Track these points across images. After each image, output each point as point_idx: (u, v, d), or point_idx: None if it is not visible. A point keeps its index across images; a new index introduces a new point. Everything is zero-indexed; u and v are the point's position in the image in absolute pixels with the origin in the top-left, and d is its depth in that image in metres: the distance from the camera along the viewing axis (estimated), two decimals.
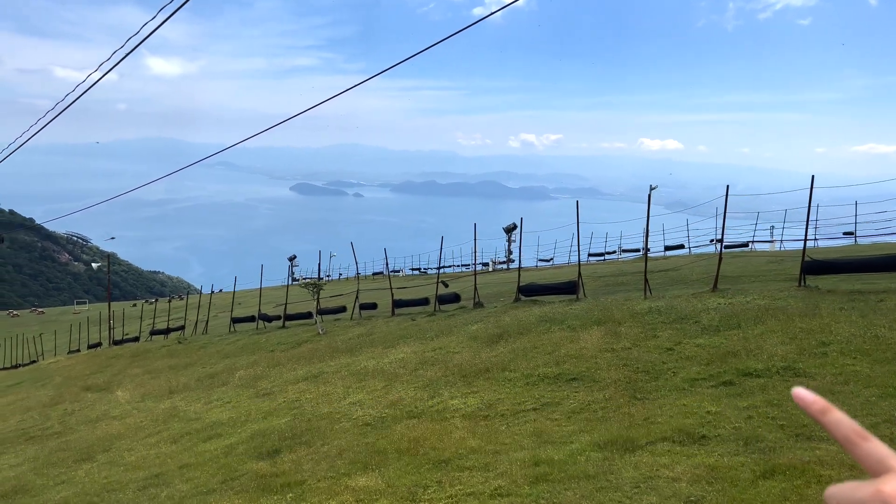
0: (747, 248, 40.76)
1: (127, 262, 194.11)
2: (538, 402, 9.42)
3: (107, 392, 20.46)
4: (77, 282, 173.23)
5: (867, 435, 0.79)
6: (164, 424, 13.48)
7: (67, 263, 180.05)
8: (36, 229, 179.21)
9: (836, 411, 0.82)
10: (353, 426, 10.17)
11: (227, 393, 15.36)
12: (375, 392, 11.93)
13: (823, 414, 0.83)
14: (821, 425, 0.83)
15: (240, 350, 23.06)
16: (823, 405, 0.83)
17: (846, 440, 0.80)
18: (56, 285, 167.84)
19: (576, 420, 8.49)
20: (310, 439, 9.86)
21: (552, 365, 10.99)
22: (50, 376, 28.84)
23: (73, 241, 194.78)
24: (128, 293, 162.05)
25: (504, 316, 16.87)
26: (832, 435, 0.81)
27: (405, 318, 21.86)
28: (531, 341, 12.98)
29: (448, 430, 9.01)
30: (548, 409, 9.09)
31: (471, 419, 9.32)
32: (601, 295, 18.69)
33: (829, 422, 0.82)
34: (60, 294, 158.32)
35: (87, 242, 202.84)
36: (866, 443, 0.79)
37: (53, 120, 17.92)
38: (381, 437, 9.25)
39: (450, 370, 12.24)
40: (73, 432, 15.06)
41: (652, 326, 12.30)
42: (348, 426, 10.21)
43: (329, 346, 18.63)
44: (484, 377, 11.27)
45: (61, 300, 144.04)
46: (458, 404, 10.10)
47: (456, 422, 9.33)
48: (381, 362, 14.29)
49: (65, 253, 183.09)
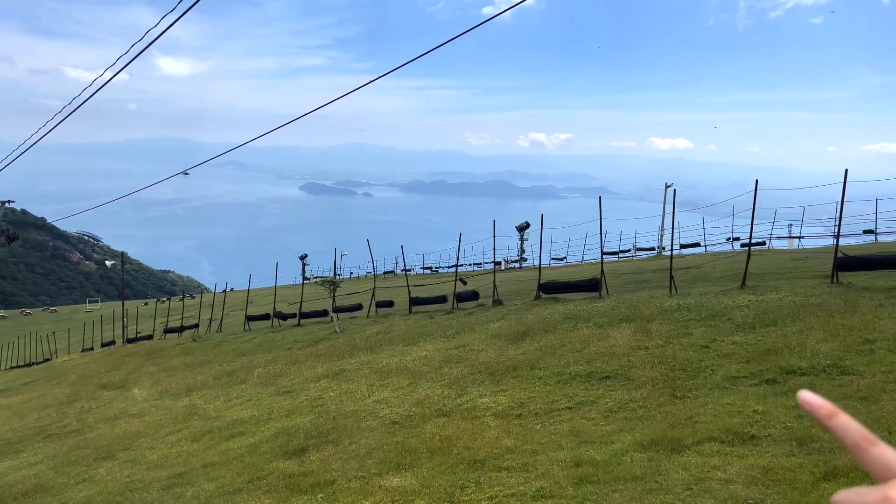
0: (765, 246, 40.34)
1: (138, 261, 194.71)
2: (572, 401, 9.15)
3: (123, 390, 20.32)
4: (88, 280, 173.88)
5: (875, 440, 0.78)
6: (185, 422, 13.28)
7: (79, 262, 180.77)
8: (47, 228, 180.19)
9: (843, 416, 0.81)
10: (381, 425, 9.93)
11: (247, 391, 15.16)
12: (400, 390, 11.69)
13: (830, 418, 0.81)
14: (828, 430, 0.81)
15: (256, 348, 22.88)
16: (830, 409, 0.81)
17: (854, 445, 0.79)
18: (67, 284, 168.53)
19: (614, 419, 8.22)
20: (337, 438, 9.63)
21: (583, 363, 10.71)
22: (65, 374, 28.78)
23: (84, 240, 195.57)
24: (139, 292, 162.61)
25: (526, 314, 16.60)
26: (839, 440, 0.80)
27: (423, 315, 21.63)
28: (558, 339, 12.70)
29: (480, 429, 8.75)
30: (583, 408, 8.82)
31: (503, 418, 9.06)
32: (624, 292, 18.39)
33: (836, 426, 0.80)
34: (72, 293, 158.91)
35: (98, 241, 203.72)
36: (874, 448, 0.78)
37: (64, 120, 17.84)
38: (411, 436, 9.01)
39: (476, 368, 11.99)
40: (91, 430, 14.90)
41: (683, 324, 12.01)
42: (375, 425, 9.97)
43: (348, 344, 18.41)
44: (512, 375, 11.01)
45: (72, 299, 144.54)
46: (488, 403, 9.84)
47: (488, 420, 9.07)
48: (403, 360, 14.05)
49: (76, 252, 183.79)
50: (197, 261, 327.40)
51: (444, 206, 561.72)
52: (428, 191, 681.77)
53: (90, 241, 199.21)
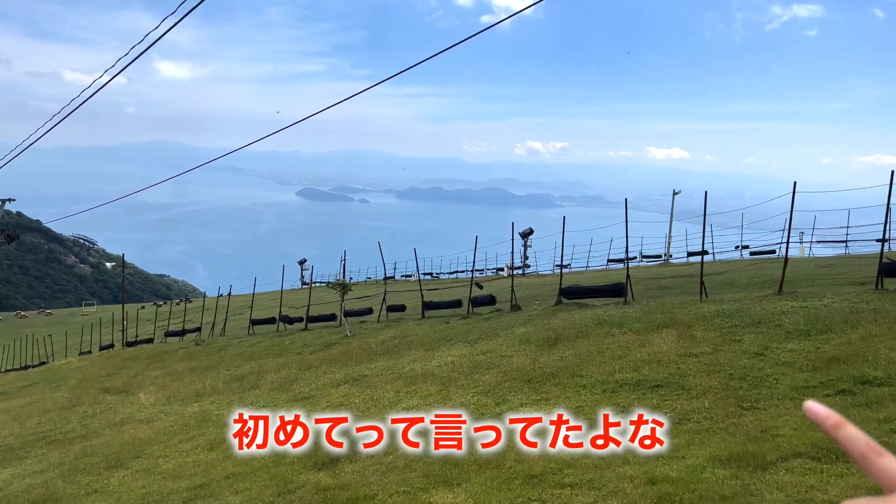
0: (774, 254, 39.90)
1: (133, 265, 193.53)
2: (626, 411, 8.51)
3: (127, 394, 19.61)
4: (83, 284, 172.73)
5: (882, 451, 0.78)
6: (198, 429, 12.60)
7: (74, 265, 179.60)
8: (43, 231, 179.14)
9: (849, 426, 0.80)
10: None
11: (261, 396, 14.49)
12: (430, 397, 11.04)
13: (837, 429, 0.80)
14: (835, 440, 0.80)
15: (264, 352, 22.20)
16: (837, 420, 0.81)
17: (861, 456, 0.79)
18: (62, 287, 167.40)
19: (678, 431, 7.59)
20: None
21: (629, 370, 10.09)
22: (63, 378, 28.03)
23: (79, 243, 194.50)
24: (133, 296, 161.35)
25: (551, 319, 15.97)
26: (846, 450, 0.79)
27: (437, 320, 20.98)
28: (595, 345, 12.07)
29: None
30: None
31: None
32: (649, 298, 17.78)
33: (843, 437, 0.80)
34: (66, 296, 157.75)
35: (93, 245, 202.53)
36: (881, 459, 0.78)
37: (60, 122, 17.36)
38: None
39: (509, 375, 11.35)
40: (97, 436, 14.20)
41: (728, 330, 11.40)
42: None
43: (362, 349, 17.76)
44: (552, 382, 10.38)
45: (67, 302, 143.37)
46: (529, 411, 9.20)
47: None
48: (427, 365, 13.40)
49: (71, 255, 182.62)
50: (192, 265, 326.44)
51: (440, 214, 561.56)
52: (424, 198, 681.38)
53: (85, 244, 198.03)
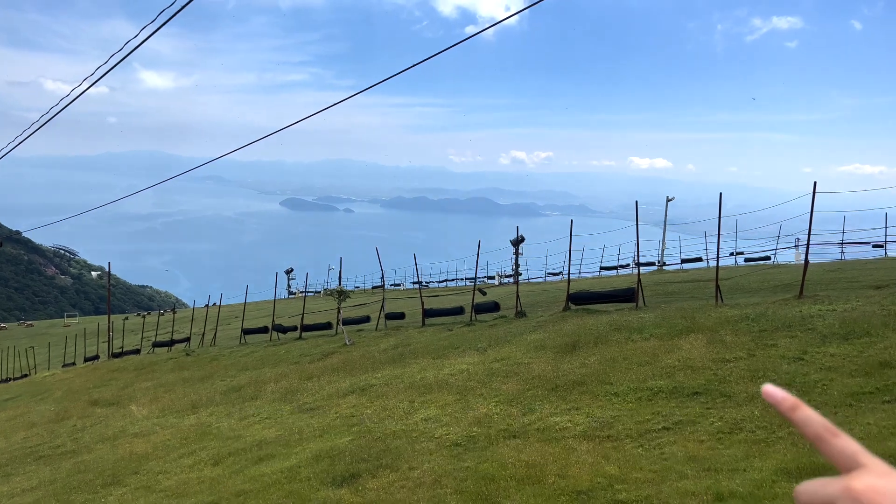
0: (769, 260, 39.76)
1: (115, 275, 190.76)
2: (668, 420, 7.97)
3: (117, 406, 18.81)
4: (63, 295, 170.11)
5: (837, 431, 0.78)
6: (198, 443, 11.91)
7: (54, 277, 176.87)
8: (22, 242, 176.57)
9: (805, 408, 0.81)
10: (439, 447, 8.69)
11: (263, 407, 13.81)
12: (448, 407, 10.45)
13: (793, 411, 0.81)
14: (791, 423, 0.81)
15: (258, 362, 21.49)
16: (793, 402, 0.81)
17: (817, 437, 0.79)
18: (42, 299, 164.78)
19: (732, 442, 7.06)
20: (391, 462, 8.37)
21: (662, 377, 9.56)
22: (48, 390, 27.10)
23: (60, 254, 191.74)
24: (115, 307, 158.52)
25: (563, 325, 15.45)
26: (802, 432, 0.80)
27: (440, 328, 20.38)
28: (617, 351, 11.55)
29: (567, 452, 7.55)
30: (686, 429, 7.65)
31: (590, 440, 7.86)
32: (660, 303, 17.31)
33: (799, 419, 0.80)
34: (46, 308, 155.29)
35: (74, 255, 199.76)
36: (837, 439, 0.77)
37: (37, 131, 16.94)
38: (483, 461, 7.78)
39: (531, 383, 10.79)
40: (89, 451, 13.44)
41: (758, 335, 10.91)
42: (432, 447, 8.73)
43: (365, 357, 17.12)
44: (579, 391, 9.83)
45: (47, 314, 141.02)
46: (562, 422, 8.65)
47: (572, 443, 7.87)
48: (439, 374, 12.81)
49: (51, 266, 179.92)
50: (175, 276, 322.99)
51: (425, 223, 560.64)
52: (410, 207, 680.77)
53: (66, 255, 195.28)
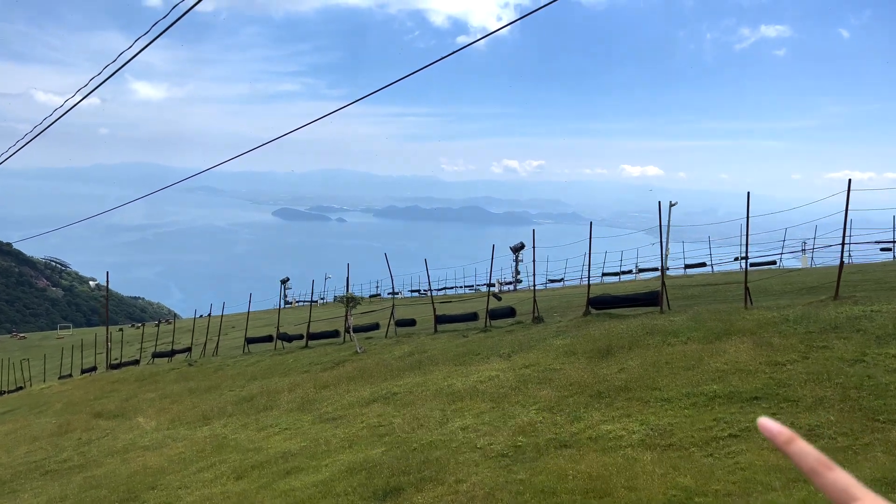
0: (775, 265, 39.50)
1: (103, 287, 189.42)
2: (733, 427, 7.47)
3: (123, 419, 18.17)
4: (55, 307, 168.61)
5: (832, 465, 0.79)
6: (216, 455, 11.33)
7: (45, 289, 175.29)
8: (13, 254, 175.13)
9: (800, 441, 0.82)
10: (483, 457, 8.15)
11: (280, 418, 13.24)
12: (485, 415, 9.92)
13: (788, 444, 0.82)
14: (786, 456, 0.82)
15: (266, 371, 20.87)
16: (789, 435, 0.82)
17: (811, 470, 0.80)
18: (33, 311, 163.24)
19: None
20: (435, 474, 7.83)
21: (712, 381, 9.07)
22: (47, 402, 26.36)
23: (51, 265, 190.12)
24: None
25: (588, 329, 14.94)
26: (797, 465, 0.81)
27: (453, 334, 19.83)
28: (656, 355, 11.05)
29: (630, 463, 7.03)
30: (755, 436, 7.14)
31: (651, 449, 7.35)
32: (683, 307, 16.82)
33: (793, 452, 0.81)
34: (37, 320, 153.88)
35: (66, 267, 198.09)
36: (831, 472, 0.79)
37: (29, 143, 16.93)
38: (537, 473, 7.25)
39: (569, 389, 10.27)
40: (98, 465, 12.83)
41: (805, 336, 10.44)
42: (476, 457, 8.19)
43: (380, 365, 16.56)
44: (625, 397, 9.32)
45: (38, 326, 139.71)
46: (615, 430, 8.13)
47: (631, 452, 7.35)
48: (467, 381, 12.27)
49: (43, 278, 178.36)
50: (167, 287, 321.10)
51: (418, 232, 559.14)
52: (402, 216, 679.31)
53: (58, 266, 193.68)
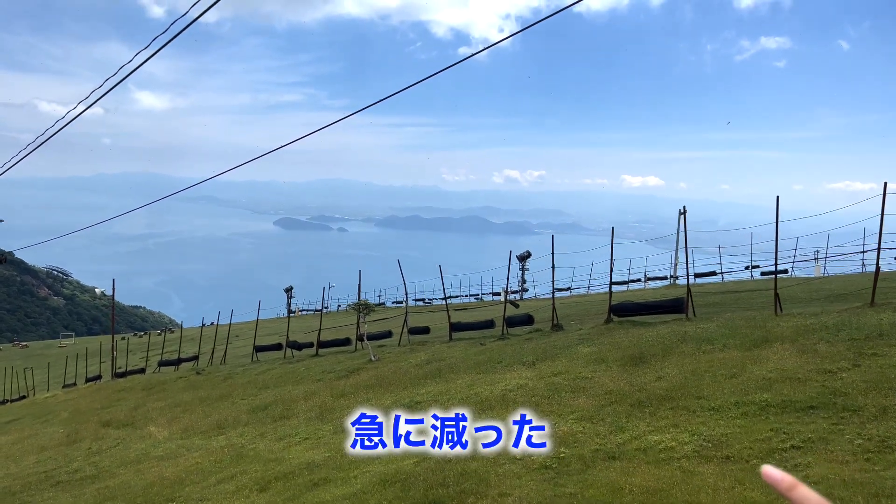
0: (787, 273, 39.18)
1: (109, 296, 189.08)
2: (795, 438, 7.05)
3: (133, 428, 17.76)
4: (56, 316, 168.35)
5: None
6: (235, 466, 10.91)
7: (47, 298, 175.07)
8: (15, 263, 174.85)
9: (803, 487, 0.83)
10: (525, 469, 7.73)
11: (299, 427, 12.82)
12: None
13: (791, 490, 0.82)
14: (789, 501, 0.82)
15: (278, 380, 20.44)
16: (791, 482, 0.83)
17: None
18: (34, 320, 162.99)
19: (888, 463, 6.15)
20: (476, 487, 7.41)
21: (762, 390, 8.66)
22: (52, 411, 25.96)
23: (52, 274, 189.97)
24: (108, 328, 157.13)
25: (613, 336, 14.54)
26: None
27: (469, 342, 19.42)
28: (696, 363, 10.64)
29: (688, 476, 6.62)
30: (820, 447, 6.73)
31: (708, 461, 6.93)
32: (709, 314, 16.42)
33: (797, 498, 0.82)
34: (38, 329, 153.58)
35: (67, 276, 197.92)
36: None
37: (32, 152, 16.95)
38: (588, 486, 6.84)
39: (605, 398, 9.87)
40: (111, 476, 12.40)
41: (851, 343, 10.04)
42: (517, 469, 7.77)
43: (398, 373, 16.15)
44: (668, 406, 8.91)
45: (39, 335, 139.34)
46: (664, 440, 7.71)
47: (687, 464, 6.94)
48: (493, 389, 11.86)
49: (44, 287, 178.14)
50: (168, 296, 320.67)
51: (419, 242, 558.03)
52: (403, 226, 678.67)
53: (59, 275, 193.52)
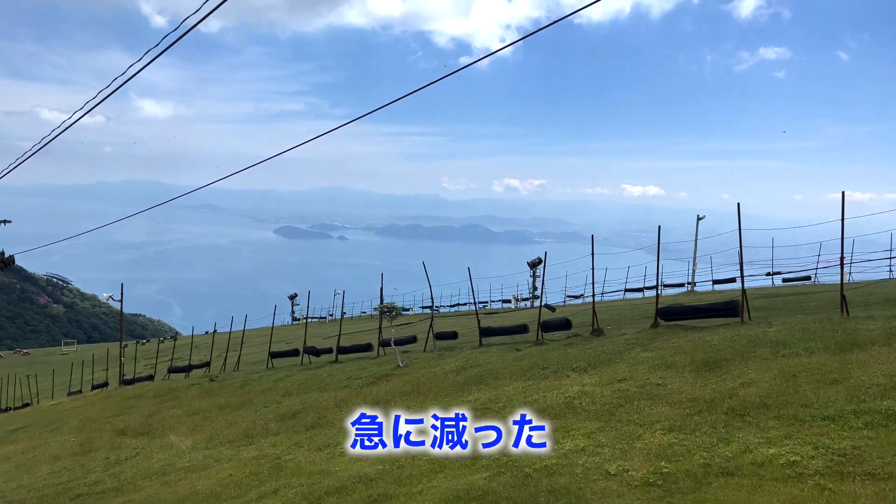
0: (809, 280, 38.39)
1: (108, 304, 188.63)
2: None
3: (150, 437, 16.82)
4: (55, 324, 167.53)
5: None
6: (277, 479, 9.97)
7: (46, 305, 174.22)
8: (15, 270, 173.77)
9: None
10: (625, 486, 6.81)
11: (338, 436, 11.84)
12: (597, 435, 8.58)
13: None
14: None
15: (300, 387, 19.50)
16: None
17: None
18: (34, 328, 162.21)
19: None
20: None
21: (880, 397, 7.74)
22: (60, 419, 25.00)
23: (53, 282, 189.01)
24: (109, 336, 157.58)
25: (671, 341, 13.64)
26: None
27: (502, 348, 18.47)
28: (782, 367, 9.74)
29: (835, 497, 5.70)
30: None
31: (849, 479, 6.01)
32: (765, 318, 15.54)
33: None
34: (38, 336, 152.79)
35: (67, 284, 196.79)
36: None
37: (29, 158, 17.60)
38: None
39: (690, 406, 8.95)
40: (136, 489, 11.46)
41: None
42: (615, 486, 6.84)
43: (435, 380, 15.21)
44: (769, 415, 7.99)
45: (38, 343, 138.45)
46: (783, 454, 6.78)
47: (824, 482, 6.02)
48: (553, 397, 10.94)
49: (44, 295, 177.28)
50: (168, 305, 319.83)
51: (419, 250, 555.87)
52: (403, 235, 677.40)
53: (59, 283, 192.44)
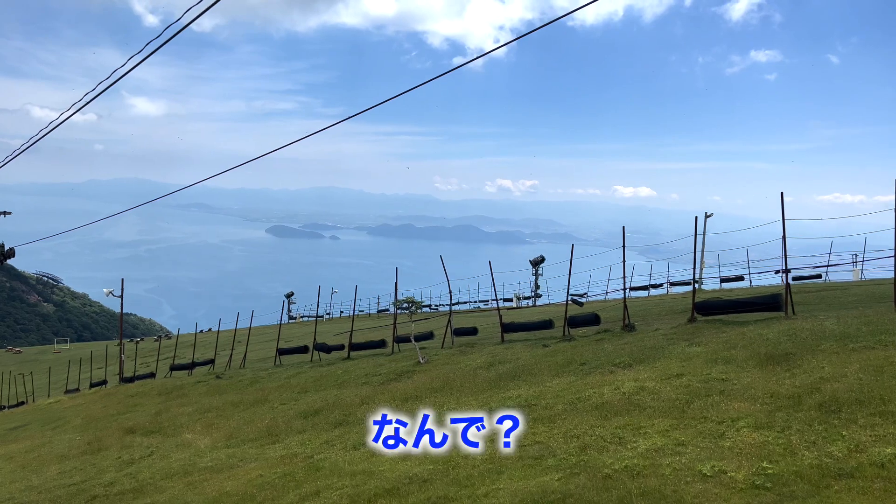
0: (820, 279, 38.00)
1: (98, 303, 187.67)
2: None
3: (162, 435, 16.04)
4: (46, 323, 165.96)
5: None
6: (315, 481, 9.25)
7: (37, 304, 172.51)
8: (5, 269, 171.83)
9: None
10: (728, 489, 6.13)
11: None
12: (673, 433, 7.90)
13: None
14: None
15: (315, 384, 18.76)
16: None
17: None
18: (24, 326, 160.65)
19: None
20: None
21: None
22: (62, 418, 24.19)
23: (43, 281, 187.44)
24: (98, 334, 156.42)
25: (720, 335, 13.00)
26: None
27: (528, 344, 17.80)
28: (862, 361, 9.11)
29: None
30: None
31: None
32: (811, 312, 14.93)
33: None
34: (28, 335, 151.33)
35: (57, 283, 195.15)
36: None
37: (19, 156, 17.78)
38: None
39: (771, 402, 8.30)
40: (158, 490, 10.71)
41: None
42: (717, 489, 6.17)
43: (465, 376, 14.53)
44: (869, 411, 7.33)
45: (29, 342, 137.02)
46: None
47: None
48: (609, 393, 10.26)
49: (34, 293, 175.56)
50: (158, 303, 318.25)
51: (411, 250, 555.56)
52: (395, 234, 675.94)
53: (49, 282, 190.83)
